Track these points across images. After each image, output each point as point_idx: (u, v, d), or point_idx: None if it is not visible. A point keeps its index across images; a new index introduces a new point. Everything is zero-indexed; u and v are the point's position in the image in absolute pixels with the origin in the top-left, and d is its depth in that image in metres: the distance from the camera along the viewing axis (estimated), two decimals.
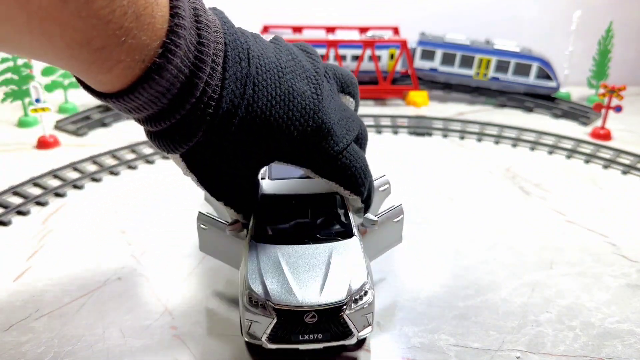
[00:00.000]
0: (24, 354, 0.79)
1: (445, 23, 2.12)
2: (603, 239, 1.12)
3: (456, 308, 0.91)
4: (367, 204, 0.89)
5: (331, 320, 0.71)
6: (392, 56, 1.98)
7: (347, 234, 0.81)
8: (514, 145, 1.58)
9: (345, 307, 0.71)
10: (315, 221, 0.83)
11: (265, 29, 2.03)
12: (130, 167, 1.39)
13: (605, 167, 1.45)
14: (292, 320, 0.71)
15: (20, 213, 1.16)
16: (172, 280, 0.97)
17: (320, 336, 0.72)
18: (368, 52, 1.91)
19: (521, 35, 2.09)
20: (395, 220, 0.90)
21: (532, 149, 1.56)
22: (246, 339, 0.74)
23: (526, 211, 1.22)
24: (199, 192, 1.26)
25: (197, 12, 0.62)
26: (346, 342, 0.74)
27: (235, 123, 0.68)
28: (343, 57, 1.94)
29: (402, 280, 0.97)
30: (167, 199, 1.24)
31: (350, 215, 0.85)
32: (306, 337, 0.72)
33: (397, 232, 0.93)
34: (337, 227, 0.83)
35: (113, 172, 1.36)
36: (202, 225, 0.87)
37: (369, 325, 0.75)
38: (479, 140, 1.62)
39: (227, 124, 0.67)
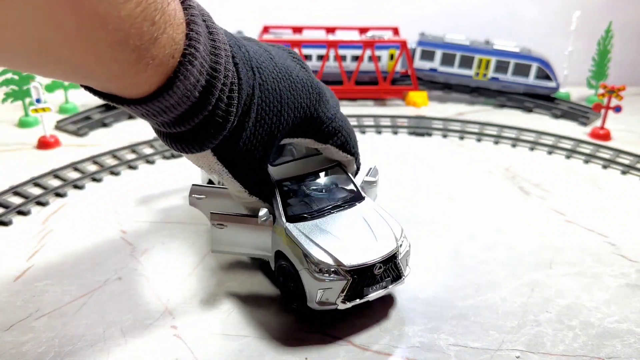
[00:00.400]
0: (25, 353, 0.79)
1: (444, 23, 2.12)
2: (602, 238, 1.12)
3: (456, 308, 0.91)
4: (358, 167, 1.00)
5: (390, 267, 0.85)
6: (392, 56, 1.98)
7: (359, 197, 0.94)
8: (514, 146, 1.58)
9: (397, 253, 0.85)
10: (329, 192, 0.94)
11: (265, 29, 2.03)
12: (131, 167, 1.39)
13: (605, 167, 1.45)
14: (364, 277, 0.82)
15: (20, 213, 1.16)
16: (172, 280, 0.97)
17: (384, 284, 0.85)
18: (368, 52, 1.91)
19: (521, 36, 2.09)
20: (376, 179, 1.02)
21: (532, 149, 1.56)
22: (316, 308, 0.83)
23: (526, 211, 1.22)
24: None
25: (197, 5, 0.65)
26: (399, 284, 0.87)
27: (255, 102, 0.74)
28: (343, 58, 1.95)
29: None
30: (168, 199, 1.24)
31: (354, 180, 0.97)
32: (374, 287, 0.84)
33: (375, 191, 1.04)
34: (348, 193, 0.95)
35: (113, 172, 1.36)
36: (217, 224, 0.90)
37: (407, 265, 0.89)
38: (479, 140, 1.62)
39: (250, 104, 0.74)
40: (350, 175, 0.97)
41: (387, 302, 0.92)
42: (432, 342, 0.83)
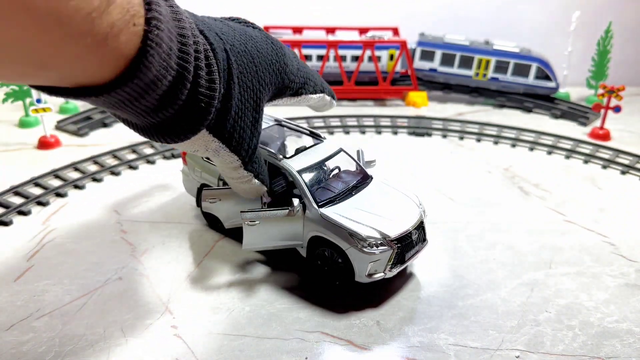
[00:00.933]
0: (25, 353, 0.80)
1: (444, 23, 2.12)
2: (602, 238, 1.12)
3: (455, 307, 0.91)
4: (332, 96, 1.01)
5: (420, 231, 0.95)
6: (391, 57, 1.98)
7: (367, 176, 1.03)
8: (513, 146, 1.58)
9: (423, 217, 0.96)
10: (342, 176, 1.02)
11: (265, 30, 2.03)
12: (131, 167, 1.39)
13: (604, 167, 1.46)
14: (405, 243, 0.91)
15: (21, 213, 1.16)
16: (172, 280, 0.97)
17: (417, 247, 0.94)
18: (368, 52, 1.91)
19: (520, 36, 2.09)
20: (374, 159, 1.10)
21: (531, 149, 1.57)
22: (365, 281, 0.89)
23: (525, 211, 1.23)
24: None
25: None
26: (425, 246, 0.96)
27: (233, 67, 0.72)
28: (343, 58, 1.95)
29: (402, 279, 0.98)
30: (168, 199, 1.25)
31: (360, 163, 1.06)
32: (411, 252, 0.93)
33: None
34: (358, 174, 1.03)
35: (114, 172, 1.36)
36: (248, 223, 0.92)
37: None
38: (478, 140, 1.62)
39: (230, 69, 0.71)
40: (354, 158, 1.05)
41: (387, 302, 0.92)
42: (432, 342, 0.83)
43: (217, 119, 0.71)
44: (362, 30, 2.04)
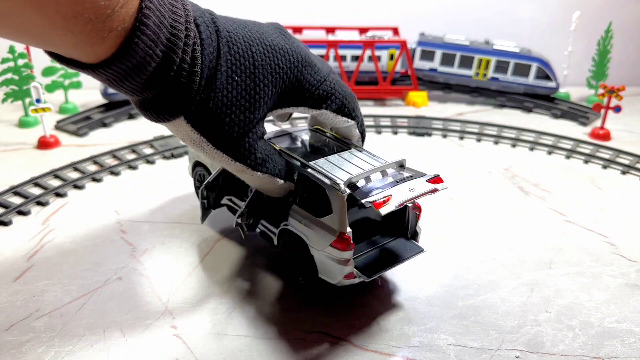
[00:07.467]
0: (25, 353, 0.79)
1: (444, 23, 2.12)
2: (602, 238, 1.12)
3: (455, 307, 0.91)
4: (362, 132, 0.97)
5: None
6: (391, 56, 1.98)
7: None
8: (514, 146, 1.58)
9: None
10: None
11: None
12: (131, 167, 1.39)
13: (605, 167, 1.46)
14: None
15: (20, 213, 1.16)
16: (172, 280, 0.97)
17: None
18: (368, 52, 1.91)
19: (520, 36, 2.09)
20: None
21: (532, 149, 1.57)
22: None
23: (525, 211, 1.23)
24: None
25: None
26: None
27: (222, 64, 0.73)
28: (343, 58, 1.95)
29: (402, 279, 0.98)
30: (168, 199, 1.25)
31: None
32: None
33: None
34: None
35: (113, 172, 1.36)
36: None
37: None
38: (479, 140, 1.62)
39: (217, 65, 0.72)
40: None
41: (387, 302, 0.92)
42: (432, 342, 0.83)
43: (197, 110, 0.73)
44: (362, 30, 2.04)
